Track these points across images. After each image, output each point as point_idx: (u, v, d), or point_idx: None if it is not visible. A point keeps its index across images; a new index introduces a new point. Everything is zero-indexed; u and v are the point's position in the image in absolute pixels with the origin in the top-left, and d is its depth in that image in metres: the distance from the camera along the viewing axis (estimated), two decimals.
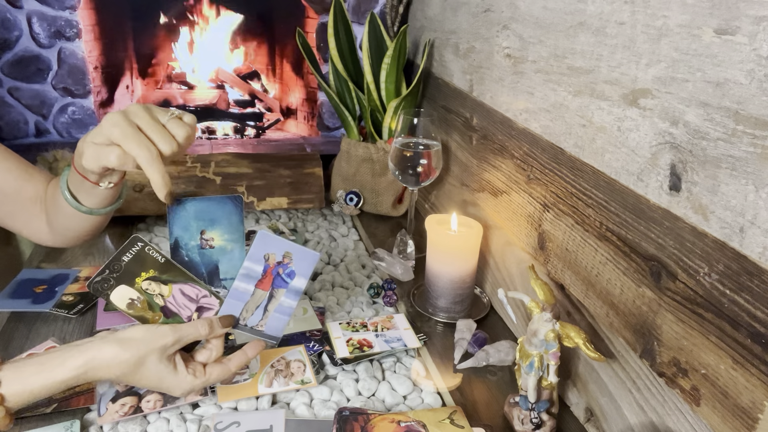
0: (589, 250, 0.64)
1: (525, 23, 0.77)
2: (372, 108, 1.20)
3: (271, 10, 1.84)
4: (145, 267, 0.64)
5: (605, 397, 0.63)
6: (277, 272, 0.68)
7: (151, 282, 0.64)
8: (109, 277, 0.63)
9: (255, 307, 0.68)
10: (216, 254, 0.71)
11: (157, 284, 0.65)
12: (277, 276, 0.68)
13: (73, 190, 0.69)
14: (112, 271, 0.63)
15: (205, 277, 0.71)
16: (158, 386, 0.61)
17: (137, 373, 0.59)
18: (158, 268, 0.65)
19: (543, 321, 0.61)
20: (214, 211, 0.70)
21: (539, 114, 0.74)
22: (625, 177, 0.57)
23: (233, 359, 0.65)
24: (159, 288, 0.65)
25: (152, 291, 0.64)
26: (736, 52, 0.44)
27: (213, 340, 0.64)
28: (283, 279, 0.68)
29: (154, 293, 0.64)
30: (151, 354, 0.59)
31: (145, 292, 0.64)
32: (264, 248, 0.67)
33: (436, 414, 0.64)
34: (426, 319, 0.87)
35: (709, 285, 0.47)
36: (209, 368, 0.63)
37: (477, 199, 0.96)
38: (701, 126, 0.47)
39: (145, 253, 0.64)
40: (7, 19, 1.37)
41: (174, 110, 0.62)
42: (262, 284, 0.67)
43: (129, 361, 0.58)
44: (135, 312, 0.64)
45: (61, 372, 0.55)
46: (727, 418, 0.46)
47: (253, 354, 0.66)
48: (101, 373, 0.57)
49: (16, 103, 1.45)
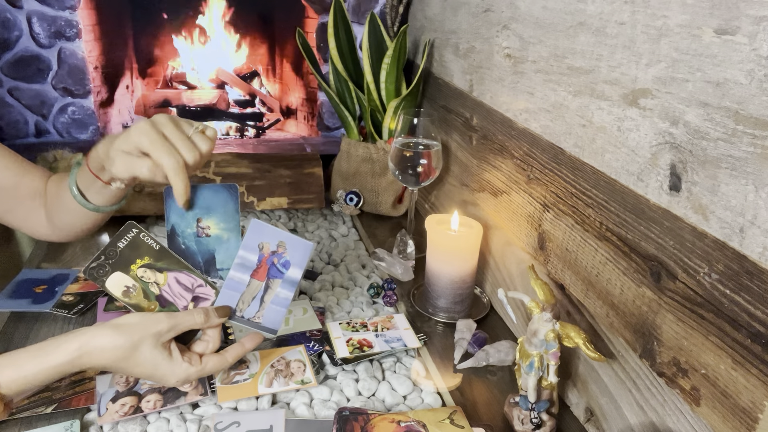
0: (589, 250, 0.64)
1: (525, 23, 0.77)
2: (372, 108, 1.20)
3: (272, 10, 1.84)
4: (140, 254, 0.64)
5: (605, 397, 0.63)
6: (272, 262, 0.68)
7: (146, 270, 0.65)
8: (105, 263, 0.63)
9: (251, 298, 0.68)
10: (212, 243, 0.71)
11: (152, 272, 0.65)
12: (272, 266, 0.68)
13: (82, 187, 0.69)
14: (107, 257, 0.64)
15: (201, 266, 0.71)
16: (153, 374, 0.61)
17: (131, 358, 0.59)
18: (153, 255, 0.65)
19: (543, 321, 0.61)
20: (209, 199, 0.70)
21: (539, 114, 0.74)
22: (625, 177, 0.57)
23: (230, 350, 0.65)
24: (154, 276, 0.65)
25: (147, 279, 0.65)
26: (736, 52, 0.44)
27: (209, 331, 0.65)
28: (278, 269, 0.68)
29: (149, 281, 0.65)
30: (145, 339, 0.59)
31: (140, 279, 0.64)
32: (258, 237, 0.67)
33: (436, 414, 0.64)
34: (426, 319, 0.87)
35: (709, 285, 0.47)
36: (206, 358, 0.63)
37: (477, 199, 0.96)
38: (701, 126, 0.47)
39: (140, 240, 0.64)
40: (7, 19, 1.37)
41: (197, 124, 0.65)
42: (257, 274, 0.68)
43: (123, 346, 0.58)
44: (131, 300, 0.64)
45: (55, 357, 0.55)
46: (727, 418, 0.46)
47: (251, 346, 0.67)
48: (95, 358, 0.57)
49: (16, 103, 1.45)
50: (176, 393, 0.66)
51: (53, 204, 0.73)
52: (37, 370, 0.55)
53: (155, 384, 0.66)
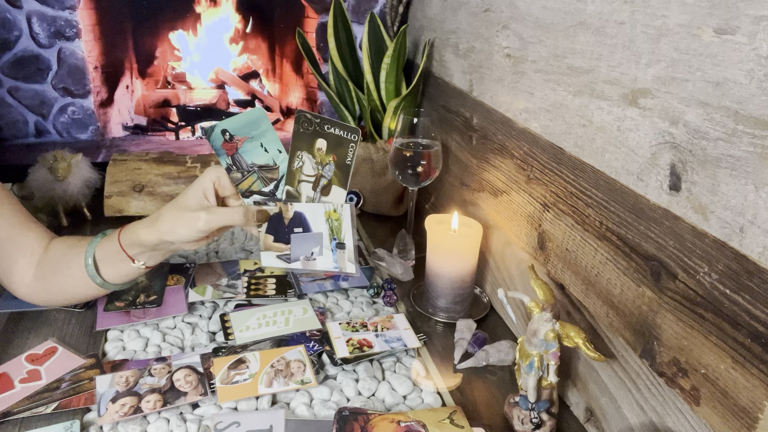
0: (589, 249, 0.64)
1: (525, 23, 0.77)
2: (372, 108, 1.20)
3: (272, 10, 1.84)
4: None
5: (605, 397, 0.63)
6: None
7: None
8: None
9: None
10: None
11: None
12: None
13: (99, 258, 0.71)
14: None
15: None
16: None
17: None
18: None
19: (543, 321, 0.61)
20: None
21: (539, 114, 0.74)
22: (625, 177, 0.57)
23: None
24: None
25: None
26: (736, 52, 0.44)
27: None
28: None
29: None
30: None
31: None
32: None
33: (436, 414, 0.64)
34: (426, 319, 0.87)
35: (709, 285, 0.47)
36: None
37: (477, 199, 0.96)
38: (701, 126, 0.47)
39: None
40: (7, 19, 1.38)
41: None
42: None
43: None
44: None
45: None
46: (727, 417, 0.46)
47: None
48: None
49: (16, 103, 1.45)
50: (176, 393, 0.66)
51: (53, 265, 0.73)
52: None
53: (155, 384, 0.66)
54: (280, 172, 0.72)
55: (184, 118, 1.80)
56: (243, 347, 0.75)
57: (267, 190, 0.72)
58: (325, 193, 0.71)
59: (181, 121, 1.79)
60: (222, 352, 0.73)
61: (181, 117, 1.80)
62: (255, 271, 0.94)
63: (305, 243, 0.72)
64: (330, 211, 0.71)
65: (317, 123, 0.68)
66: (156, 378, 0.68)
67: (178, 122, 1.79)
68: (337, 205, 0.71)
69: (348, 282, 0.92)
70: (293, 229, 0.72)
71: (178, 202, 0.70)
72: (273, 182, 0.72)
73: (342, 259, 0.72)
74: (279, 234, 0.73)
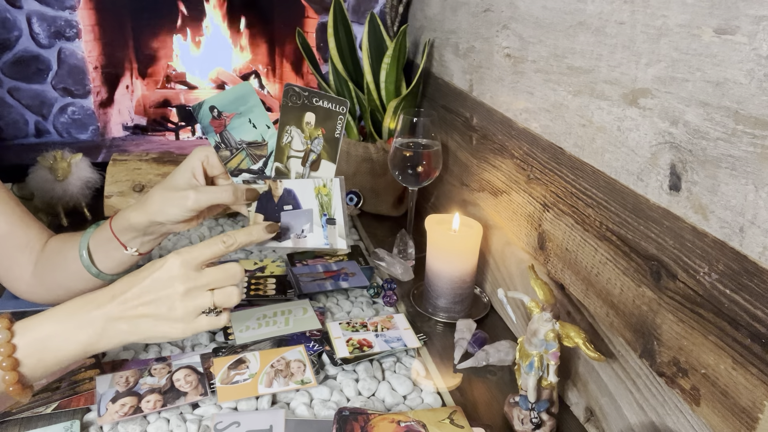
0: (589, 249, 0.64)
1: (525, 23, 0.77)
2: (372, 108, 1.20)
3: (272, 10, 1.84)
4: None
5: (605, 397, 0.63)
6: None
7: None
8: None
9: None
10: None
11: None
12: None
13: (93, 249, 0.71)
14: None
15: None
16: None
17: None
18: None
19: (543, 321, 0.61)
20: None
21: (539, 114, 0.74)
22: (625, 177, 0.57)
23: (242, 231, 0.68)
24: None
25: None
26: (736, 52, 0.44)
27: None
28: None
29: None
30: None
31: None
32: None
33: (436, 414, 0.64)
34: (426, 319, 0.87)
35: (709, 285, 0.47)
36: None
37: (477, 199, 0.96)
38: (701, 126, 0.47)
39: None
40: (7, 19, 1.38)
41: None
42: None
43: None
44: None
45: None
46: (727, 417, 0.46)
47: (265, 235, 0.69)
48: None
49: (16, 103, 1.45)
50: (176, 393, 0.66)
51: (51, 261, 0.73)
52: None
53: (155, 384, 0.66)
54: (269, 149, 0.72)
55: (184, 118, 1.80)
56: (243, 347, 0.75)
57: (256, 168, 0.72)
58: (314, 168, 0.71)
59: (181, 121, 1.79)
60: (222, 352, 0.73)
61: (181, 117, 1.80)
62: (255, 271, 0.94)
63: (296, 220, 0.71)
64: (320, 186, 0.70)
65: (305, 96, 0.68)
66: (156, 378, 0.68)
67: (178, 122, 1.79)
68: (327, 180, 0.70)
69: (348, 282, 0.92)
70: (283, 207, 0.71)
71: (166, 183, 0.69)
72: (262, 159, 0.72)
73: (333, 235, 0.72)
74: (269, 212, 0.72)
